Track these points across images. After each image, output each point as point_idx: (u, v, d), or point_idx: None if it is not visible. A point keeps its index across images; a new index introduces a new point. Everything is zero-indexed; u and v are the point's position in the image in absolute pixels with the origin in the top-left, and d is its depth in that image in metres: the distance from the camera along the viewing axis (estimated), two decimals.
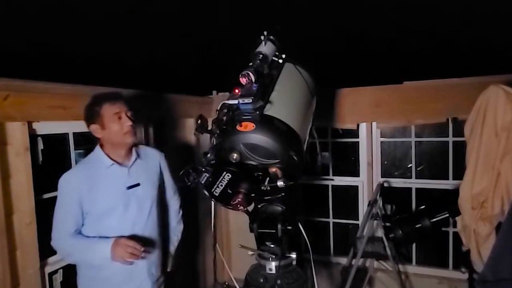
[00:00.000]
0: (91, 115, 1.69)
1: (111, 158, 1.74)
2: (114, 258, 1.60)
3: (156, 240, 1.87)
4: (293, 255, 1.46)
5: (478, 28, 1.98)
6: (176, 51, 2.33)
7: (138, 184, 1.78)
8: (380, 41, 2.23)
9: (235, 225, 3.39)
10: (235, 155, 1.25)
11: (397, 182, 3.08)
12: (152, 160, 1.91)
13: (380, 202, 2.82)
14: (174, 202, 2.08)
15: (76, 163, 2.16)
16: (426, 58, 2.60)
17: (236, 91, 1.30)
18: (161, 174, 1.95)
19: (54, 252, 2.05)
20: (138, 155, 1.83)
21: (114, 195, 1.72)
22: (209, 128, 1.26)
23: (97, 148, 1.76)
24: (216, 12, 1.69)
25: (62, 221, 1.69)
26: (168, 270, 2.00)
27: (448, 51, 2.43)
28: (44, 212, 2.02)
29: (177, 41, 2.11)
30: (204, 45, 2.25)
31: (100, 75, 2.36)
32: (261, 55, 1.38)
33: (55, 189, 2.04)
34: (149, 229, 1.82)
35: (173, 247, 2.05)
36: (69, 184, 1.69)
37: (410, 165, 3.10)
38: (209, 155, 1.26)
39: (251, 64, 1.36)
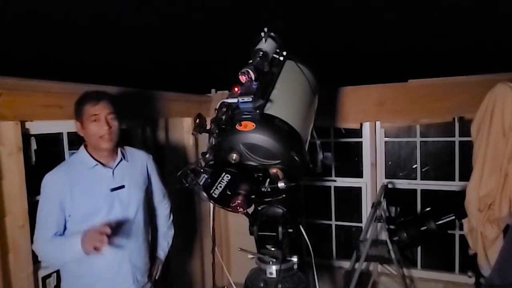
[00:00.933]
0: (75, 112, 1.71)
1: (94, 159, 1.72)
2: (85, 247, 1.53)
3: (143, 245, 1.85)
4: (294, 259, 1.46)
5: (485, 24, 1.98)
6: (174, 48, 2.33)
7: (122, 186, 1.76)
8: (384, 38, 2.23)
9: (234, 228, 3.39)
10: (234, 156, 1.25)
11: (402, 183, 3.07)
12: (139, 162, 1.90)
13: (384, 204, 2.82)
14: (163, 207, 2.07)
15: None
16: (432, 55, 2.59)
17: (236, 89, 1.30)
18: (148, 177, 1.94)
19: None
20: (123, 156, 1.81)
21: (97, 197, 1.70)
22: (208, 127, 1.26)
23: (81, 148, 1.76)
24: (215, 8, 1.69)
25: (43, 224, 1.67)
26: (156, 277, 1.98)
27: (454, 48, 2.42)
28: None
29: (174, 37, 2.11)
30: (203, 42, 2.25)
31: (96, 73, 2.36)
32: (261, 52, 1.38)
33: None
34: (134, 234, 1.80)
35: (163, 253, 2.04)
36: (50, 185, 1.67)
37: (415, 165, 3.10)
38: (207, 156, 1.25)
39: (251, 61, 1.36)
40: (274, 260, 1.43)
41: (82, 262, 1.65)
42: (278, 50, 1.47)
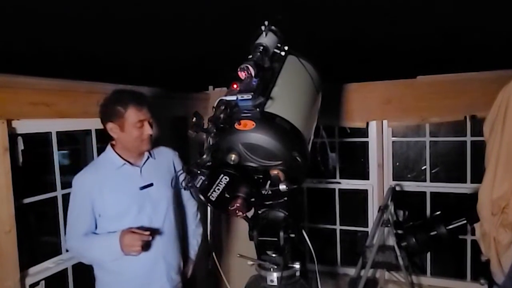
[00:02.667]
0: (112, 113, 1.74)
1: (122, 158, 1.81)
2: (124, 250, 1.67)
3: (175, 243, 1.94)
4: (297, 266, 1.46)
5: (498, 18, 1.98)
6: (168, 43, 2.33)
7: (151, 184, 1.85)
8: (391, 32, 2.23)
9: (233, 233, 3.40)
10: (233, 156, 1.25)
11: (410, 186, 3.08)
12: (165, 159, 1.99)
13: (391, 208, 2.82)
14: (191, 204, 2.14)
15: (59, 164, 2.17)
16: (442, 50, 2.59)
17: (235, 86, 1.30)
18: (176, 173, 2.00)
19: (35, 262, 2.06)
20: (150, 154, 1.91)
21: (126, 197, 1.80)
22: (205, 126, 1.26)
23: (108, 148, 1.85)
24: (212, 1, 1.70)
25: (74, 224, 1.79)
26: (188, 276, 2.09)
27: (466, 42, 2.42)
28: (25, 219, 2.03)
29: (169, 32, 2.11)
30: (199, 36, 2.25)
31: (87, 69, 2.36)
32: (261, 47, 1.38)
33: (37, 193, 2.05)
34: (167, 232, 1.88)
35: (193, 251, 2.15)
36: (80, 186, 1.78)
37: (424, 167, 3.10)
38: (204, 156, 1.25)
39: (250, 56, 1.36)
40: (275, 266, 1.43)
41: (117, 260, 1.74)
42: (279, 45, 1.47)
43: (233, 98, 1.25)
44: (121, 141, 1.80)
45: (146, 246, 1.73)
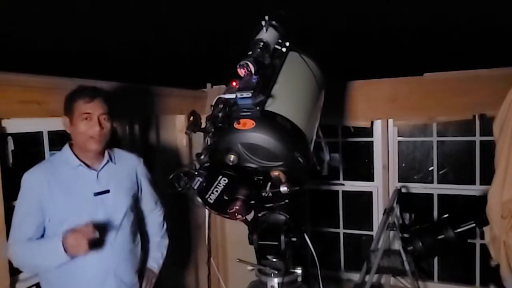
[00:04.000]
0: (65, 106, 1.72)
1: (79, 159, 1.73)
2: (70, 251, 1.54)
3: (129, 257, 1.85)
4: (298, 271, 1.46)
5: (508, 13, 1.98)
6: (165, 39, 2.33)
7: (107, 191, 1.76)
8: (398, 27, 2.23)
9: (232, 237, 3.39)
10: (232, 157, 1.25)
11: (417, 188, 3.08)
12: (128, 165, 1.91)
13: (397, 210, 2.82)
14: (156, 214, 2.08)
15: None
16: (450, 46, 2.59)
17: (234, 83, 1.30)
18: (138, 182, 1.94)
19: None
20: (110, 158, 1.82)
21: (78, 201, 1.70)
22: (203, 126, 1.26)
23: (65, 146, 1.77)
24: None
25: (19, 225, 1.68)
26: None
27: (475, 38, 2.42)
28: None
29: (166, 27, 2.11)
30: (198, 32, 2.25)
31: (79, 66, 2.36)
32: (261, 43, 1.38)
33: None
34: (120, 245, 1.79)
35: (156, 265, 2.04)
36: (28, 184, 1.68)
37: (432, 168, 3.10)
38: (202, 157, 1.25)
39: (250, 53, 1.36)
40: (276, 272, 1.43)
41: (63, 273, 1.65)
42: (280, 41, 1.47)
43: (232, 96, 1.25)
44: (72, 137, 1.73)
45: (96, 244, 1.60)
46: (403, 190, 2.99)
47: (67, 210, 1.68)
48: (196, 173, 1.23)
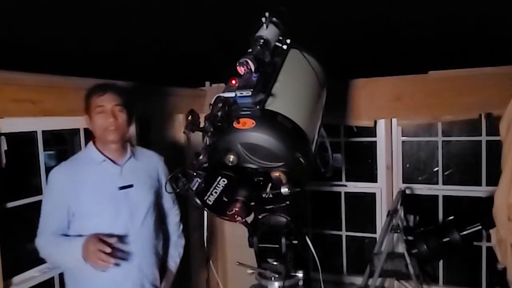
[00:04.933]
0: (85, 104, 1.84)
1: (103, 154, 1.84)
2: (86, 260, 1.63)
3: (152, 252, 1.93)
4: (300, 274, 1.46)
5: None
6: (163, 36, 2.33)
7: (131, 186, 1.85)
8: (402, 24, 2.23)
9: (231, 239, 3.40)
10: (231, 157, 1.25)
11: (421, 189, 3.08)
12: (149, 162, 2.01)
13: (401, 212, 2.82)
14: (174, 213, 2.15)
15: (45, 165, 2.17)
16: (455, 44, 2.59)
17: (233, 82, 1.30)
18: (159, 179, 2.02)
19: (20, 271, 2.06)
20: (133, 154, 1.93)
21: (103, 195, 1.80)
22: (202, 125, 1.26)
23: (89, 143, 1.89)
24: None
25: (45, 220, 1.79)
26: None
27: (481, 36, 2.42)
28: (9, 224, 2.02)
29: (163, 24, 2.11)
30: (196, 29, 2.25)
31: (75, 64, 2.36)
32: (262, 40, 1.38)
33: (21, 196, 2.04)
34: (143, 239, 1.88)
35: (174, 263, 2.13)
36: (54, 180, 1.80)
37: (437, 168, 3.10)
38: (201, 157, 1.26)
39: (250, 50, 1.36)
40: (277, 275, 1.43)
41: (87, 266, 1.71)
42: (281, 38, 1.47)
43: (232, 94, 1.25)
44: (93, 132, 1.86)
45: (118, 258, 1.69)
46: (407, 192, 2.99)
47: (92, 204, 1.79)
48: (195, 173, 1.23)
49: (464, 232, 2.42)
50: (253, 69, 1.29)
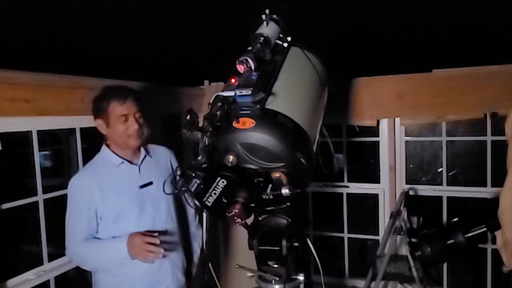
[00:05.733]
0: (98, 109, 1.87)
1: (119, 157, 1.91)
2: (133, 255, 1.75)
3: (178, 242, 2.05)
4: (301, 277, 1.46)
5: None
6: (160, 33, 2.33)
7: (151, 183, 1.94)
8: (404, 21, 2.23)
9: (231, 241, 3.40)
10: (231, 158, 1.25)
11: (425, 190, 3.08)
12: (162, 157, 2.10)
13: (404, 214, 2.82)
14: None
15: (40, 166, 2.17)
16: (460, 41, 2.59)
17: (233, 80, 1.30)
18: (173, 171, 2.05)
19: (14, 274, 2.06)
20: (147, 152, 2.01)
21: (127, 196, 1.89)
22: (200, 125, 1.26)
23: (103, 147, 1.95)
24: None
25: (74, 228, 1.86)
26: (191, 278, 2.20)
27: (486, 33, 2.42)
28: (3, 226, 2.02)
29: (160, 20, 2.11)
30: (195, 25, 2.25)
31: (70, 63, 2.36)
32: (262, 38, 1.38)
33: (16, 198, 2.04)
34: (170, 231, 1.99)
35: (195, 254, 2.25)
36: (77, 188, 1.88)
37: (441, 169, 3.10)
38: (200, 158, 1.26)
39: (250, 48, 1.36)
40: (277, 278, 1.43)
41: (123, 263, 1.83)
42: (281, 35, 1.47)
43: (231, 93, 1.25)
44: (110, 137, 1.91)
45: (166, 250, 1.80)
46: (411, 193, 2.99)
47: (118, 206, 1.87)
48: (193, 174, 1.23)
49: (469, 234, 2.42)
50: (253, 67, 1.29)
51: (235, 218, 1.23)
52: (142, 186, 1.93)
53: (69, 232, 1.87)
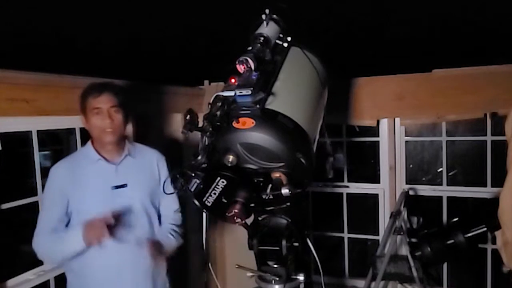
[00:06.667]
0: (80, 105, 1.88)
1: (99, 153, 1.88)
2: (87, 238, 1.69)
3: (147, 247, 1.92)
4: (301, 277, 1.46)
5: None
6: (160, 33, 2.33)
7: (125, 185, 1.89)
8: (404, 21, 2.23)
9: (231, 241, 3.40)
10: (231, 158, 1.25)
11: (425, 190, 3.08)
12: (148, 161, 2.03)
13: (404, 214, 2.82)
14: (175, 219, 2.09)
15: (40, 166, 2.17)
16: (460, 41, 2.59)
17: (233, 80, 1.30)
18: (159, 178, 2.03)
19: (14, 274, 2.06)
20: (129, 153, 1.95)
21: (97, 194, 1.84)
22: (200, 125, 1.26)
23: (88, 143, 1.94)
24: None
25: (43, 216, 1.85)
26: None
27: (486, 33, 2.42)
28: (3, 226, 2.03)
29: (161, 20, 2.11)
30: (194, 25, 2.25)
31: (70, 63, 2.36)
32: (262, 38, 1.38)
33: (16, 198, 2.04)
34: (138, 240, 1.88)
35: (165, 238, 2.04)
36: (54, 177, 1.85)
37: (441, 169, 3.10)
38: (199, 158, 1.26)
39: (250, 48, 1.36)
40: (277, 278, 1.43)
41: (84, 264, 1.81)
42: (281, 35, 1.47)
43: (231, 93, 1.25)
44: (90, 133, 1.89)
45: (110, 235, 1.71)
46: (411, 193, 2.99)
47: (87, 203, 1.83)
48: (193, 174, 1.23)
49: (469, 234, 2.42)
50: (253, 67, 1.29)
51: (235, 218, 1.23)
52: (115, 187, 1.87)
53: (39, 221, 1.84)
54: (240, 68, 1.30)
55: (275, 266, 1.43)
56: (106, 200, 1.84)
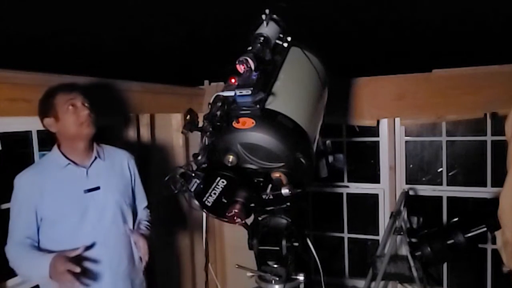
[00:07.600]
0: (45, 108, 1.79)
1: (67, 158, 1.81)
2: (53, 279, 1.59)
3: (123, 251, 1.91)
4: (301, 277, 1.46)
5: None
6: (160, 32, 2.33)
7: (98, 188, 1.84)
8: (404, 21, 2.23)
9: (231, 241, 3.40)
10: (231, 158, 1.25)
11: (425, 190, 3.08)
12: (118, 162, 1.99)
13: (404, 214, 2.82)
14: (146, 215, 2.10)
15: None
16: (460, 41, 2.59)
17: (233, 80, 1.30)
18: (131, 178, 2.02)
19: (14, 274, 2.05)
20: (98, 155, 1.90)
21: (69, 199, 1.79)
22: (200, 125, 1.26)
23: (54, 148, 1.86)
24: None
25: (13, 226, 1.76)
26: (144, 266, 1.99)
27: (486, 33, 2.42)
28: (3, 226, 2.02)
29: (160, 20, 2.11)
30: (195, 25, 2.25)
31: (70, 62, 2.36)
32: (262, 38, 1.38)
33: None
34: (113, 241, 1.87)
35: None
36: (19, 186, 1.77)
37: (441, 169, 3.11)
38: (200, 158, 1.26)
39: (250, 48, 1.36)
40: (277, 278, 1.43)
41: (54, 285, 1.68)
42: (281, 35, 1.47)
43: (231, 93, 1.26)
44: (61, 134, 1.81)
45: (87, 279, 1.69)
46: (411, 193, 2.99)
47: (59, 209, 1.76)
48: (193, 174, 1.24)
49: (469, 234, 2.42)
50: (253, 67, 1.29)
51: (235, 218, 1.23)
52: (88, 191, 1.81)
53: (10, 231, 1.77)
54: (240, 68, 1.30)
55: (275, 266, 1.43)
56: (80, 204, 1.79)
